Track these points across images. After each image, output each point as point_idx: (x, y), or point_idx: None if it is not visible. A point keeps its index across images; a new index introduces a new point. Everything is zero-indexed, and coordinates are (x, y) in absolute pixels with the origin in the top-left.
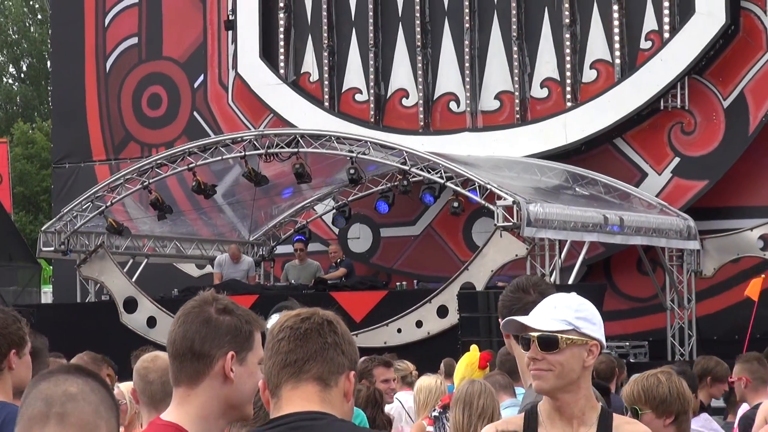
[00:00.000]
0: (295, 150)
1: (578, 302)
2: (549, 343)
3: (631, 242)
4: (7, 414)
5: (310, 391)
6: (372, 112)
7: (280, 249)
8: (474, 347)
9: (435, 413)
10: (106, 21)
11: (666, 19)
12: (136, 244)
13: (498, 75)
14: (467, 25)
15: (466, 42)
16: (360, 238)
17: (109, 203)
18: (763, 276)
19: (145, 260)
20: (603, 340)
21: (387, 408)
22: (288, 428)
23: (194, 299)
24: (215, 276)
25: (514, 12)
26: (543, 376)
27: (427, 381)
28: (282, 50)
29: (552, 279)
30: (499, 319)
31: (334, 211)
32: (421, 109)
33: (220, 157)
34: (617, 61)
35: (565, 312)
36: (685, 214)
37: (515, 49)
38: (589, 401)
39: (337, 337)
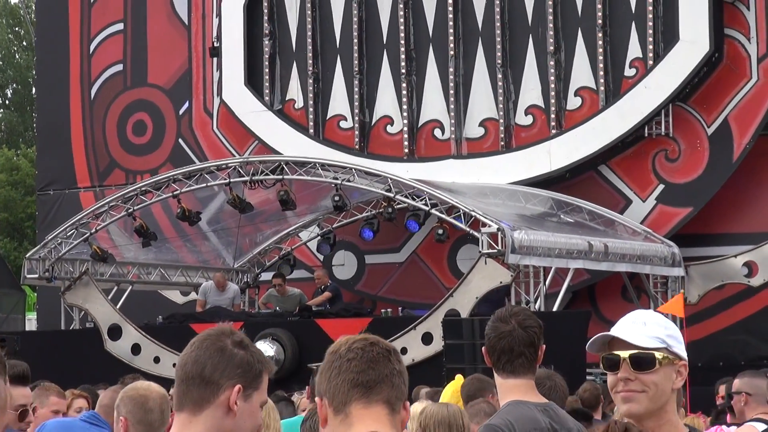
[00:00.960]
0: (280, 177)
1: (665, 319)
2: (644, 361)
3: (615, 269)
4: None
5: (381, 413)
6: (357, 139)
7: (265, 276)
8: (459, 376)
9: None
10: (91, 48)
11: (650, 47)
12: (120, 271)
13: (482, 102)
14: (452, 53)
15: (451, 69)
16: (345, 265)
17: (93, 230)
18: (682, 291)
19: (130, 287)
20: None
21: None
22: None
23: (212, 329)
24: (198, 303)
25: (498, 39)
26: (636, 398)
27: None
28: (267, 77)
29: (537, 306)
30: (483, 349)
31: (319, 238)
32: (406, 136)
33: (204, 184)
34: (601, 88)
35: (657, 329)
36: (670, 241)
37: (500, 76)
38: (675, 428)
39: (402, 366)
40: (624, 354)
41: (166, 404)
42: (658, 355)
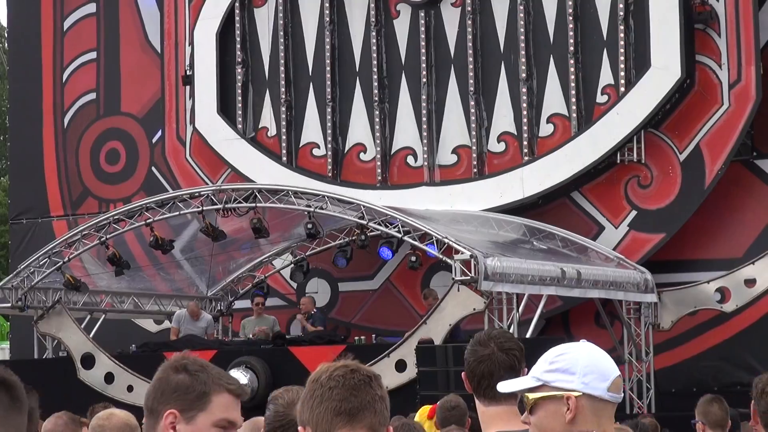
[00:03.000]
0: (253, 205)
1: (558, 352)
2: (521, 404)
3: (588, 295)
4: None
5: None
6: (329, 167)
7: (239, 304)
8: (423, 408)
9: None
10: (64, 76)
11: (622, 73)
12: (93, 300)
13: (455, 129)
14: (424, 80)
15: (424, 96)
16: (318, 293)
17: (66, 259)
18: None
19: (103, 316)
20: (587, 388)
21: None
22: None
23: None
24: (172, 331)
25: (471, 67)
26: None
27: None
28: (240, 105)
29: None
30: (462, 374)
31: (292, 265)
32: (379, 163)
33: (177, 212)
34: (573, 115)
35: (539, 366)
36: (643, 267)
37: (472, 103)
38: None
39: (383, 391)
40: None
41: (126, 431)
42: (529, 396)
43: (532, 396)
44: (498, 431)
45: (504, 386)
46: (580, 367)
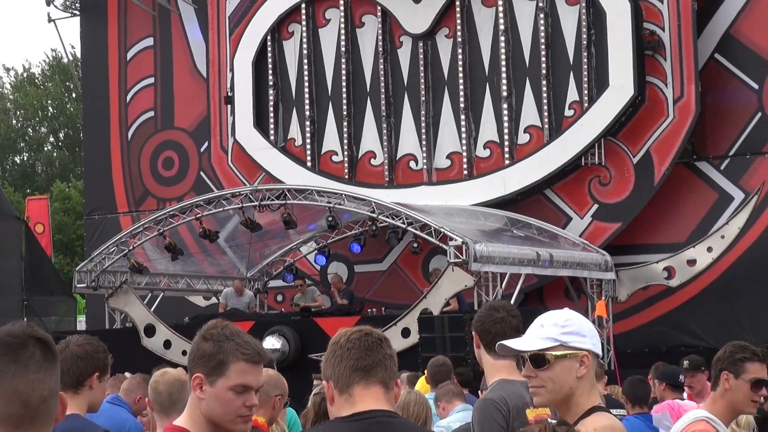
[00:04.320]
0: (283, 202)
1: (565, 318)
2: (538, 361)
3: (559, 274)
4: (74, 427)
5: (378, 392)
6: (346, 170)
7: (272, 283)
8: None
9: None
10: (128, 98)
11: (585, 92)
12: (153, 281)
13: (449, 139)
14: (423, 98)
15: (423, 112)
16: (337, 273)
17: (131, 247)
18: (602, 299)
19: (162, 294)
20: (595, 348)
21: None
22: (375, 422)
23: None
24: (220, 305)
25: (461, 87)
26: (539, 392)
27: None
28: (272, 120)
29: None
30: (473, 332)
31: (316, 251)
32: (386, 167)
33: (221, 209)
34: (546, 126)
35: (551, 330)
36: (603, 251)
37: (462, 117)
38: (581, 408)
39: (392, 351)
40: (526, 354)
41: (175, 387)
42: (550, 354)
43: (554, 353)
44: (502, 378)
45: (526, 345)
46: (587, 330)
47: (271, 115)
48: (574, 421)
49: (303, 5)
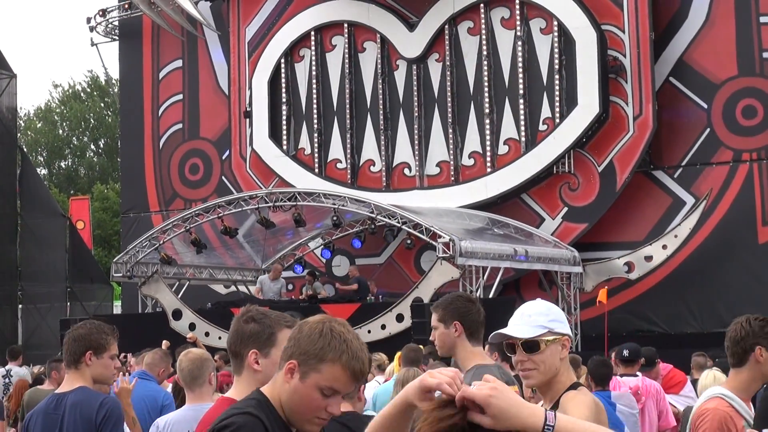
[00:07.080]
0: (294, 203)
1: (547, 307)
2: (532, 346)
3: (533, 268)
4: (81, 397)
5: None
6: (349, 176)
7: (284, 274)
8: (399, 353)
9: None
10: (159, 112)
11: (557, 109)
12: (180, 271)
13: (438, 149)
14: (416, 114)
15: (415, 126)
16: (341, 266)
17: (161, 242)
18: (605, 287)
19: (188, 282)
20: (570, 333)
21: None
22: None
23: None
24: (255, 290)
25: (449, 104)
26: (531, 375)
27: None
28: (284, 132)
29: (478, 294)
30: (457, 322)
31: (322, 246)
32: (384, 173)
33: (240, 209)
34: (523, 139)
35: (539, 318)
36: (572, 248)
37: (450, 130)
38: (562, 384)
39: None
40: (519, 341)
41: (197, 365)
42: (543, 339)
43: (545, 339)
44: (478, 363)
45: (522, 332)
46: (563, 317)
47: (284, 127)
48: (558, 396)
49: (312, 33)
